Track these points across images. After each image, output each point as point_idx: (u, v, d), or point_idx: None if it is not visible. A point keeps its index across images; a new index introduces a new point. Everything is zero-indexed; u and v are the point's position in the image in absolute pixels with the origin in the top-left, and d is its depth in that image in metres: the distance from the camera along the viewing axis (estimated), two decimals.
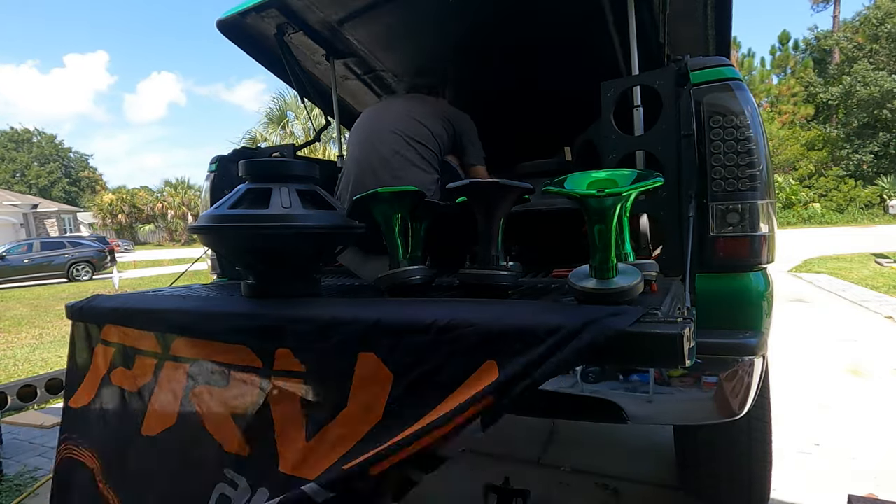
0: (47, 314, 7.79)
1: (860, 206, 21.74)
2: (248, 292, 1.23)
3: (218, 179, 2.17)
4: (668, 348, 0.76)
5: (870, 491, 1.82)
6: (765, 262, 1.22)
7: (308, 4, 2.12)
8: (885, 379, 2.97)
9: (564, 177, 0.99)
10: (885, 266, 7.40)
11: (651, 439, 2.29)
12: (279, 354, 1.06)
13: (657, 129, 1.33)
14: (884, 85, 21.76)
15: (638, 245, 1.36)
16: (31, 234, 26.18)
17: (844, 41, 24.04)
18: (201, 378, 1.17)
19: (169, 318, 1.28)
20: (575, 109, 2.05)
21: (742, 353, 1.09)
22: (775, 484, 1.64)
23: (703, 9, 2.06)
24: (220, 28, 2.25)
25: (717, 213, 1.21)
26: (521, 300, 1.11)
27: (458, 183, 1.13)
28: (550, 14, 2.04)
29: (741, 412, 1.08)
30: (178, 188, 36.37)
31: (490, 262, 1.10)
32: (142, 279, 13.11)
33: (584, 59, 2.08)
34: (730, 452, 1.52)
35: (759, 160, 1.18)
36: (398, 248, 1.21)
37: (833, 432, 2.31)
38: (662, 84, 1.32)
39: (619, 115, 1.41)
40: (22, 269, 14.29)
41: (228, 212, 1.11)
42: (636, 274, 0.92)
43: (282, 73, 2.52)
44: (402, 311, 1.00)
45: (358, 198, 1.22)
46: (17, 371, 4.27)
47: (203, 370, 1.17)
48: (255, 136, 15.48)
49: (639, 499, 1.88)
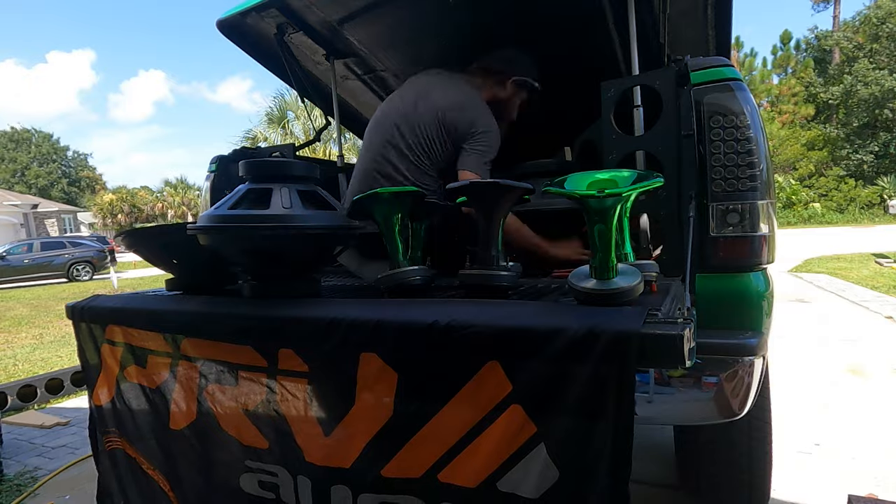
0: (47, 314, 7.79)
1: (860, 206, 21.73)
2: (249, 293, 1.23)
3: (218, 180, 2.18)
4: (669, 349, 0.76)
5: (870, 491, 1.82)
6: (765, 262, 1.22)
7: (308, 4, 2.11)
8: (885, 379, 2.97)
9: (564, 177, 0.99)
10: (885, 266, 7.40)
11: (651, 439, 2.29)
12: (282, 355, 1.07)
13: (657, 130, 1.33)
14: (884, 84, 21.76)
15: (638, 245, 1.36)
16: (31, 234, 26.19)
17: (845, 41, 24.04)
18: (212, 377, 1.19)
19: (170, 318, 1.28)
20: (575, 109, 2.05)
21: (742, 354, 1.08)
22: (775, 484, 1.64)
23: (703, 9, 2.06)
24: (220, 28, 2.25)
25: (717, 213, 1.21)
26: (522, 300, 1.11)
27: (458, 183, 1.13)
28: (550, 14, 2.04)
29: (741, 412, 1.08)
30: (177, 188, 36.39)
31: (490, 263, 1.10)
32: (142, 279, 13.11)
33: (584, 59, 2.08)
34: (730, 452, 1.52)
35: (759, 160, 1.18)
36: (398, 249, 1.21)
37: (833, 432, 2.31)
38: (662, 84, 1.32)
39: (619, 115, 1.41)
40: (22, 269, 14.31)
41: (229, 212, 1.11)
42: (636, 274, 0.92)
43: (282, 73, 2.52)
44: (402, 312, 1.00)
45: (358, 198, 1.22)
46: (17, 371, 4.28)
47: (213, 369, 1.19)
48: (255, 136, 15.47)
49: (639, 499, 1.88)
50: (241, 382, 1.14)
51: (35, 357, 4.78)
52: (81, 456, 2.51)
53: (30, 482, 2.29)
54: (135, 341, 1.35)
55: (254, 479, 1.13)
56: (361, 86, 2.75)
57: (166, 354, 1.28)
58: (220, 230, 1.12)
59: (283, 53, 2.31)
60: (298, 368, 1.05)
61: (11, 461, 2.51)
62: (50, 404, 3.39)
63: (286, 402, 1.07)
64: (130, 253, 1.93)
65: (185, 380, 1.24)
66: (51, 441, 2.76)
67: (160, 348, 1.29)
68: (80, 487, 2.22)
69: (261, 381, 1.11)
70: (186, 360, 1.24)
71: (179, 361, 1.25)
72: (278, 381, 1.08)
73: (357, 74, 2.66)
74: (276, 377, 1.08)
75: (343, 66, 2.56)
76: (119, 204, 34.09)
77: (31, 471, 2.40)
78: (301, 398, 1.05)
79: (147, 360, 1.32)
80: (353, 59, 2.51)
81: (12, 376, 4.02)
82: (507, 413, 0.84)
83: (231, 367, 1.16)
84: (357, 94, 2.84)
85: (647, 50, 1.77)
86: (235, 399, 1.15)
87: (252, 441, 1.13)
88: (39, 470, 2.41)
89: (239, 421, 1.15)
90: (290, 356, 1.05)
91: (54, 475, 2.35)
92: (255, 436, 1.12)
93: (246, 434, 1.14)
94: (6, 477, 2.34)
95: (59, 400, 3.46)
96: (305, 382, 1.05)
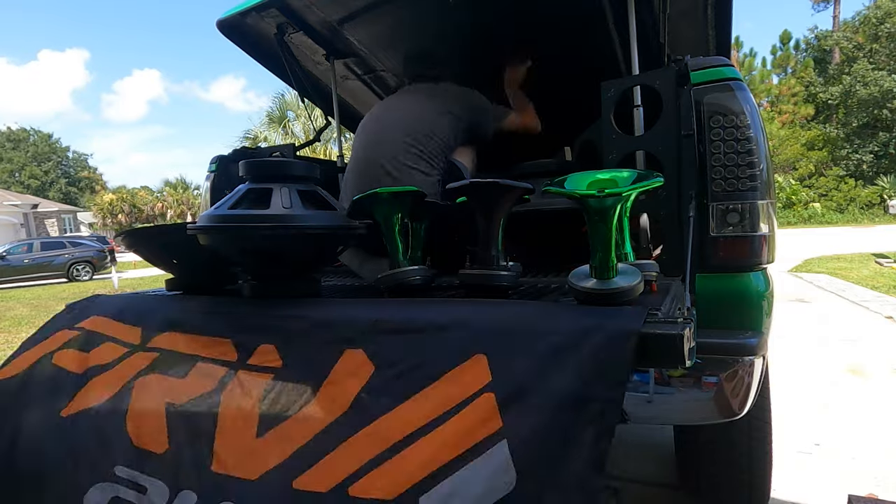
0: (47, 314, 7.77)
1: (860, 206, 21.73)
2: (249, 292, 1.23)
3: (218, 180, 2.18)
4: (669, 348, 0.76)
5: (870, 491, 1.82)
6: (765, 262, 1.22)
7: (308, 4, 2.12)
8: (885, 379, 2.97)
9: (564, 177, 0.99)
10: (885, 266, 7.40)
11: (651, 439, 2.29)
12: (261, 350, 1.04)
13: (657, 129, 1.33)
14: (884, 85, 21.75)
15: (638, 245, 1.36)
16: (31, 234, 26.20)
17: (844, 41, 24.04)
18: (159, 368, 1.12)
19: (165, 314, 1.26)
20: (575, 109, 2.05)
21: (742, 354, 1.09)
22: (775, 484, 1.64)
23: (703, 9, 2.06)
24: (220, 28, 2.25)
25: (717, 213, 1.21)
26: (521, 300, 1.11)
27: (458, 183, 1.13)
28: (550, 14, 2.04)
29: (741, 412, 1.08)
30: (177, 188, 36.39)
31: (490, 263, 1.10)
32: (142, 279, 13.11)
33: (583, 59, 2.08)
34: (730, 452, 1.52)
35: (759, 160, 1.18)
36: (398, 249, 1.21)
37: (833, 432, 2.31)
38: (662, 84, 1.32)
39: (619, 115, 1.41)
40: (22, 269, 14.30)
41: (229, 212, 1.11)
42: (636, 274, 0.92)
43: (282, 73, 2.52)
44: (398, 311, 1.00)
45: (358, 198, 1.22)
46: None
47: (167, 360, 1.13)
48: (255, 136, 15.47)
49: (639, 499, 1.88)
50: (188, 376, 1.08)
51: None
52: None
53: None
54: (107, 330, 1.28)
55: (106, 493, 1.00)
56: (361, 86, 2.76)
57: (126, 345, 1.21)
58: (220, 230, 1.12)
59: (283, 53, 2.31)
60: (270, 364, 1.01)
61: None
62: None
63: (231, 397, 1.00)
64: (130, 253, 1.93)
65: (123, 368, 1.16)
66: None
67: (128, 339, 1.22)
68: None
69: (214, 376, 1.05)
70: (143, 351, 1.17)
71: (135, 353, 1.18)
72: (238, 375, 1.03)
73: (357, 74, 2.66)
74: (236, 371, 1.03)
75: (343, 66, 2.57)
76: (119, 204, 34.08)
77: None
78: (253, 395, 0.99)
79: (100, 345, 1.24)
80: (353, 59, 2.51)
81: None
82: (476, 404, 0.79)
83: (189, 360, 1.10)
84: (357, 94, 2.84)
85: (647, 50, 1.77)
86: (168, 393, 1.07)
87: (148, 443, 1.02)
88: None
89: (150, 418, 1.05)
90: (268, 351, 1.03)
91: None
92: (156, 437, 1.02)
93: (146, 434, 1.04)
94: None
95: None
96: (269, 378, 1.00)
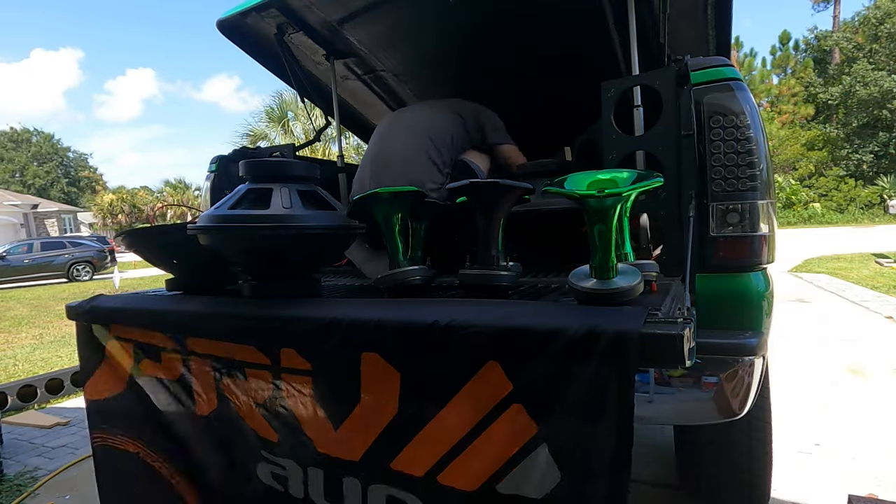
0: (47, 314, 7.79)
1: (860, 206, 21.72)
2: (249, 293, 1.23)
3: (218, 180, 2.18)
4: (669, 348, 0.76)
5: (870, 491, 1.82)
6: (765, 262, 1.22)
7: (308, 4, 2.12)
8: (885, 379, 2.97)
9: (564, 177, 0.99)
10: (885, 266, 7.40)
11: (651, 439, 2.29)
12: (284, 353, 1.08)
13: (657, 130, 1.33)
14: (883, 85, 21.75)
15: (638, 245, 1.36)
16: (31, 234, 26.17)
17: (844, 41, 24.03)
18: (224, 371, 1.21)
19: (171, 319, 1.29)
20: (575, 109, 2.05)
21: (742, 354, 1.08)
22: (775, 484, 1.64)
23: (703, 9, 2.06)
24: (220, 28, 2.25)
25: (717, 213, 1.21)
26: (522, 300, 1.11)
27: (458, 183, 1.13)
28: (550, 14, 2.04)
29: (741, 412, 1.08)
30: (177, 188, 36.40)
31: (490, 263, 1.10)
32: (142, 279, 13.11)
33: (584, 59, 2.08)
34: (730, 452, 1.52)
35: (759, 160, 1.18)
36: (398, 249, 1.21)
37: (833, 432, 2.31)
38: (662, 84, 1.32)
39: (619, 115, 1.41)
40: (22, 269, 14.29)
41: (229, 212, 1.11)
42: (636, 274, 0.92)
43: (282, 73, 2.52)
44: (402, 312, 1.00)
45: (358, 198, 1.22)
46: (17, 371, 4.27)
47: (222, 364, 1.21)
48: (254, 135, 15.44)
49: (639, 499, 1.88)
50: (249, 378, 1.16)
51: (35, 357, 4.78)
52: (81, 456, 2.51)
53: (30, 482, 2.29)
54: (143, 339, 1.36)
55: (268, 470, 1.16)
56: (361, 86, 2.75)
57: (175, 351, 1.30)
58: (221, 230, 1.12)
59: (284, 53, 2.31)
60: (301, 367, 1.06)
61: (11, 461, 2.51)
62: (50, 404, 3.39)
63: (293, 398, 1.08)
64: (130, 253, 1.93)
65: (199, 373, 1.26)
66: (51, 441, 2.76)
67: (169, 346, 1.31)
68: (79, 487, 2.21)
69: (266, 378, 1.12)
70: (196, 356, 1.26)
71: (190, 357, 1.27)
72: (283, 378, 1.09)
73: (357, 74, 2.66)
74: (280, 375, 1.10)
75: (343, 66, 2.56)
76: (119, 204, 34.07)
77: (31, 471, 2.40)
78: (307, 394, 1.06)
79: (161, 357, 1.34)
80: (353, 59, 2.51)
81: (12, 376, 4.02)
82: (509, 413, 0.84)
83: (238, 364, 1.17)
84: (357, 94, 2.84)
85: (647, 50, 1.77)
86: (246, 393, 1.17)
87: (265, 434, 1.15)
88: (39, 470, 2.41)
89: (252, 413, 1.17)
90: (292, 355, 1.06)
91: (54, 475, 2.35)
92: (266, 429, 1.15)
93: (261, 428, 1.16)
94: (6, 477, 2.34)
95: (59, 400, 3.46)
96: (310, 379, 1.06)
